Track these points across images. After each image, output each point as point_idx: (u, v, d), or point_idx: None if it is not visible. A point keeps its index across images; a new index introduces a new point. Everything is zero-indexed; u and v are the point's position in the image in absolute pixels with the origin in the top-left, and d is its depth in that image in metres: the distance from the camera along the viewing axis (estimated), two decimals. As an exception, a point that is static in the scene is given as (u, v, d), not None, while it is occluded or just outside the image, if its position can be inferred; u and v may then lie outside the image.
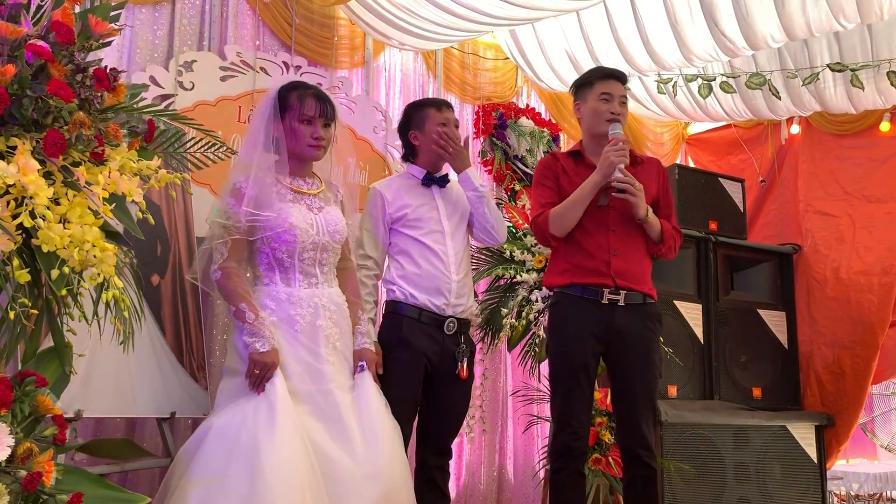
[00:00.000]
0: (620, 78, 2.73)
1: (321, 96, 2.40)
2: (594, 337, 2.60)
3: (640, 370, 2.61)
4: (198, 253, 2.41)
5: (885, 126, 4.57)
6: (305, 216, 2.33)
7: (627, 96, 2.72)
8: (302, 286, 2.31)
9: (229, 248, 2.25)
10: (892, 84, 4.02)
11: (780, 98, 4.41)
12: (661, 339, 2.76)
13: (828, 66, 4.14)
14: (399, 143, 3.89)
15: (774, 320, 4.40)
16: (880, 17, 3.45)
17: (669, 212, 2.77)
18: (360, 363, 2.36)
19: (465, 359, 2.66)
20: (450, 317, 2.65)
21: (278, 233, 2.28)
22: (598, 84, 2.70)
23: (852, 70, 4.07)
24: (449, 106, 2.83)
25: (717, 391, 4.04)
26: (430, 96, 4.20)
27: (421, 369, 2.62)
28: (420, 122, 2.78)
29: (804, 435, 4.10)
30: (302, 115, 2.34)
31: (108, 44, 1.70)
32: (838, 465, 4.83)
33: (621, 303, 2.59)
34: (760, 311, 4.36)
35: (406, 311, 2.63)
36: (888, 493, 5.05)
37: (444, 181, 2.80)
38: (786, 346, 4.40)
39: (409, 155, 2.85)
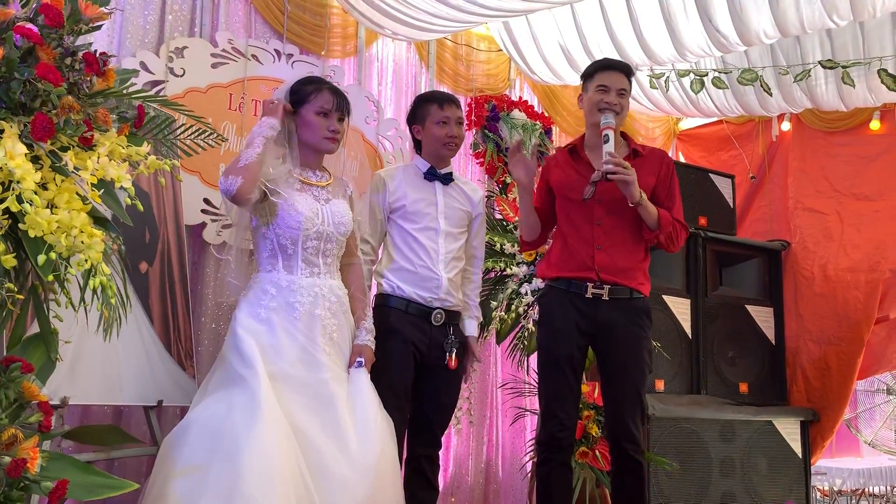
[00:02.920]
0: (621, 69, 2.73)
1: (337, 91, 2.43)
2: (579, 330, 2.62)
3: (626, 365, 2.61)
4: (227, 248, 2.46)
5: (875, 124, 4.60)
6: (311, 205, 2.35)
7: (628, 88, 2.71)
8: (304, 275, 2.32)
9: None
10: (882, 82, 4.04)
11: (771, 94, 4.42)
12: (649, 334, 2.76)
13: (819, 62, 4.16)
14: (391, 133, 3.93)
15: (762, 316, 4.43)
16: (873, 14, 3.46)
17: (671, 204, 2.73)
18: (359, 359, 2.36)
19: (454, 350, 2.66)
20: (437, 308, 2.65)
21: (283, 218, 2.28)
22: (598, 75, 2.71)
23: (844, 67, 4.08)
24: (452, 102, 2.80)
25: (705, 386, 4.06)
26: (423, 87, 4.20)
27: (410, 357, 2.62)
28: (422, 117, 2.78)
29: (789, 430, 4.14)
30: (319, 107, 2.37)
31: (98, 28, 1.68)
32: (822, 461, 4.87)
33: (605, 297, 2.60)
34: (748, 307, 4.39)
35: (393, 302, 2.64)
36: (870, 488, 5.10)
37: (447, 178, 2.80)
38: (773, 341, 4.43)
39: (416, 146, 2.86)
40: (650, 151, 2.79)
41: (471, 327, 2.81)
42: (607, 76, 2.69)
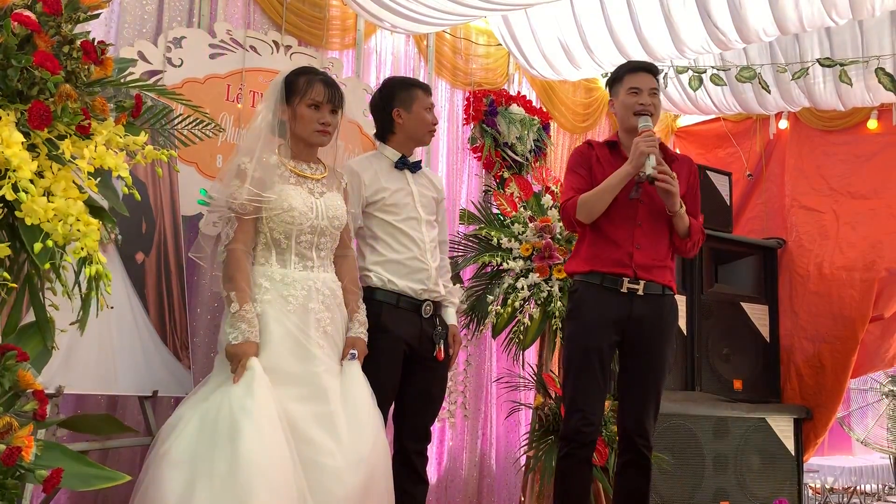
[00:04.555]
0: (649, 69, 2.74)
1: (329, 82, 2.40)
2: (611, 323, 2.62)
3: (651, 362, 2.64)
4: (200, 236, 2.40)
5: (872, 124, 4.60)
6: (306, 199, 2.33)
7: (658, 88, 2.72)
8: (297, 268, 2.31)
9: (236, 229, 2.26)
10: (879, 81, 4.05)
11: (769, 92, 4.43)
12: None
13: (818, 60, 4.16)
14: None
15: (757, 313, 4.44)
16: (872, 13, 3.46)
17: (696, 210, 2.78)
18: (352, 351, 2.35)
19: (441, 340, 2.66)
20: (426, 300, 2.65)
21: (277, 213, 2.28)
22: (627, 78, 2.72)
23: (842, 66, 4.09)
24: (430, 90, 2.82)
25: (699, 382, 4.08)
26: (420, 80, 4.18)
27: (400, 355, 2.60)
28: (408, 101, 2.74)
29: (783, 427, 4.16)
30: (310, 100, 2.35)
31: (96, 16, 1.67)
32: (814, 458, 4.90)
33: (640, 292, 2.62)
34: (743, 304, 4.40)
35: (384, 297, 2.60)
36: (862, 486, 5.13)
37: (416, 166, 2.78)
38: (767, 339, 4.45)
39: (384, 133, 2.80)
40: (679, 158, 2.82)
41: (452, 315, 2.80)
42: (637, 78, 2.69)
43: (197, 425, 2.03)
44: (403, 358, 2.63)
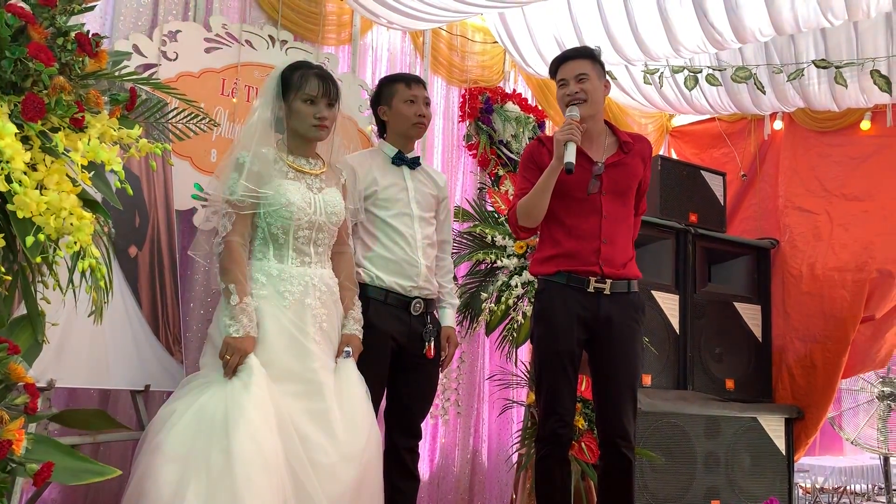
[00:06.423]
0: (575, 55, 2.71)
1: (324, 76, 2.39)
2: (580, 323, 2.61)
3: (622, 362, 2.62)
4: (199, 233, 2.39)
5: (865, 125, 4.61)
6: (304, 195, 2.32)
7: (588, 72, 2.65)
8: (294, 264, 2.30)
9: (234, 222, 2.25)
10: (875, 83, 4.06)
11: (764, 93, 4.43)
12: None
13: (813, 62, 4.17)
14: (384, 122, 3.89)
15: (749, 313, 4.46)
16: (867, 14, 3.47)
17: (645, 190, 2.80)
18: (347, 349, 2.35)
19: (432, 338, 2.66)
20: (416, 297, 2.64)
21: (275, 209, 2.27)
22: (557, 72, 2.72)
23: (837, 67, 4.10)
24: (419, 82, 2.78)
25: (691, 381, 4.09)
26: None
27: (388, 352, 2.60)
28: (388, 97, 2.75)
29: (774, 427, 4.17)
30: (305, 94, 2.34)
31: (91, 9, 1.66)
32: (805, 458, 4.91)
33: (607, 291, 2.60)
34: (736, 304, 4.42)
35: (372, 293, 2.59)
36: (852, 486, 5.15)
37: (415, 163, 2.77)
38: (759, 339, 4.46)
39: (381, 131, 2.83)
40: (635, 140, 2.78)
41: (449, 317, 2.79)
42: (563, 69, 2.69)
43: (191, 419, 2.02)
44: (392, 355, 2.62)
